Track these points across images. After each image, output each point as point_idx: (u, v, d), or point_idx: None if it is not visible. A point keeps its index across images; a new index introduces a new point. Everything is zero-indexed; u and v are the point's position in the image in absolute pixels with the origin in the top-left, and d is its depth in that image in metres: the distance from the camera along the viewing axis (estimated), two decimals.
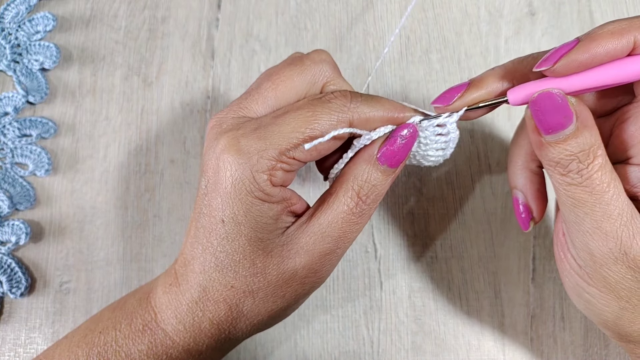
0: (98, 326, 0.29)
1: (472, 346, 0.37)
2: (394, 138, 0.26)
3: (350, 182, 0.27)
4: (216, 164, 0.26)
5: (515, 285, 0.38)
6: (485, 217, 0.39)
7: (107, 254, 0.39)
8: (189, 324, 0.27)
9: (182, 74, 0.42)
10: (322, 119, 0.25)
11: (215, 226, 0.26)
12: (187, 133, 0.41)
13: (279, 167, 0.25)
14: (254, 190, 0.25)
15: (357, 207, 0.27)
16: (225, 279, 0.27)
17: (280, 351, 0.37)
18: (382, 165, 0.26)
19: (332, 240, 0.27)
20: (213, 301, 0.27)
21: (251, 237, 0.26)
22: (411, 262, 0.38)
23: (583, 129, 0.24)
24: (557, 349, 0.37)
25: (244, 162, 0.25)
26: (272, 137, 0.25)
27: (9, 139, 0.40)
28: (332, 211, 0.27)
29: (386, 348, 0.37)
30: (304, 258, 0.27)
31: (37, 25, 0.42)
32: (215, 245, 0.26)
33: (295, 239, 0.27)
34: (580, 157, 0.24)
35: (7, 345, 0.37)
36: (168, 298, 0.28)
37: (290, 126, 0.25)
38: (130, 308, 0.29)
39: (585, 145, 0.24)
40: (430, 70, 0.41)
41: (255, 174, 0.25)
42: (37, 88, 0.41)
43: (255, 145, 0.25)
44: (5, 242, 0.38)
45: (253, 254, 0.26)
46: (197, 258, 0.27)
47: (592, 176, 0.24)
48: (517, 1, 0.43)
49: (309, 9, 0.43)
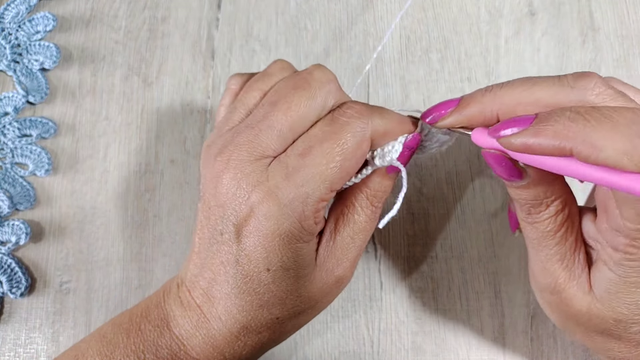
0: (115, 354, 0.27)
1: (472, 346, 0.37)
2: (404, 149, 0.28)
3: (364, 194, 0.29)
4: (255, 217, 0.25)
5: (515, 285, 0.38)
6: (485, 217, 0.39)
7: (107, 254, 0.39)
8: (229, 354, 0.27)
9: (182, 74, 0.42)
10: (348, 144, 0.26)
11: (259, 275, 0.26)
12: (187, 133, 0.41)
13: (322, 206, 0.27)
14: (304, 237, 0.26)
15: (373, 213, 0.29)
16: (272, 314, 0.27)
17: (280, 351, 0.37)
18: (390, 174, 0.29)
19: (357, 247, 0.29)
20: (256, 332, 0.27)
21: (297, 275, 0.27)
22: (411, 262, 0.38)
23: (535, 184, 0.25)
24: (557, 349, 0.37)
25: (289, 214, 0.25)
26: (309, 181, 0.25)
27: (9, 139, 0.40)
28: (353, 223, 0.29)
29: (386, 348, 0.37)
30: (339, 271, 0.28)
31: (37, 25, 0.42)
32: (257, 290, 0.26)
33: (328, 256, 0.28)
34: (532, 204, 0.25)
35: (7, 345, 0.37)
36: (199, 332, 0.27)
37: (323, 165, 0.25)
38: (150, 337, 0.27)
39: (538, 197, 0.25)
40: (430, 70, 0.41)
41: (303, 222, 0.26)
42: (37, 88, 0.41)
43: (296, 194, 0.25)
44: (5, 242, 0.38)
45: (300, 288, 0.27)
46: (231, 299, 0.26)
47: (542, 222, 0.26)
48: (517, 1, 0.43)
49: (309, 9, 0.43)
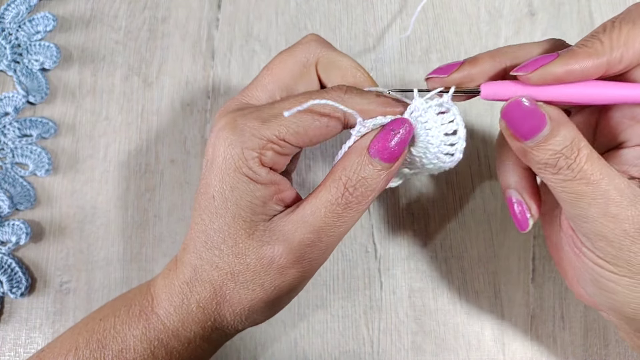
0: (99, 314, 0.30)
1: (472, 346, 0.37)
2: (386, 130, 0.26)
3: (339, 172, 0.26)
4: (214, 142, 0.26)
5: (515, 285, 0.38)
6: (485, 217, 0.39)
7: (108, 254, 0.39)
8: (178, 306, 0.28)
9: (182, 74, 0.42)
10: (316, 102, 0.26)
11: (207, 202, 0.27)
12: (187, 133, 0.41)
13: (269, 147, 0.26)
14: (242, 166, 0.26)
15: (343, 197, 0.26)
16: (212, 257, 0.27)
17: (280, 351, 0.37)
18: (374, 158, 0.26)
19: (313, 230, 0.26)
20: (200, 281, 0.28)
21: (236, 215, 0.26)
22: (411, 262, 0.38)
23: (558, 127, 0.24)
24: (557, 349, 0.37)
25: (236, 139, 0.26)
26: (266, 118, 0.26)
27: (10, 139, 0.40)
28: (317, 200, 0.26)
29: (386, 348, 0.37)
30: (282, 245, 0.26)
31: (38, 25, 0.42)
32: (206, 222, 0.27)
33: (278, 225, 0.27)
34: (565, 153, 0.24)
35: (7, 345, 0.38)
36: (165, 282, 0.29)
37: (285, 109, 0.26)
38: (130, 295, 0.30)
39: (567, 141, 0.24)
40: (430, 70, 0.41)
41: (245, 150, 0.26)
42: (38, 88, 0.41)
43: (250, 124, 0.26)
44: (5, 242, 0.38)
45: (236, 233, 0.26)
46: (193, 239, 0.28)
47: (582, 168, 0.24)
48: (517, 1, 0.43)
49: (309, 9, 0.43)
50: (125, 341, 0.28)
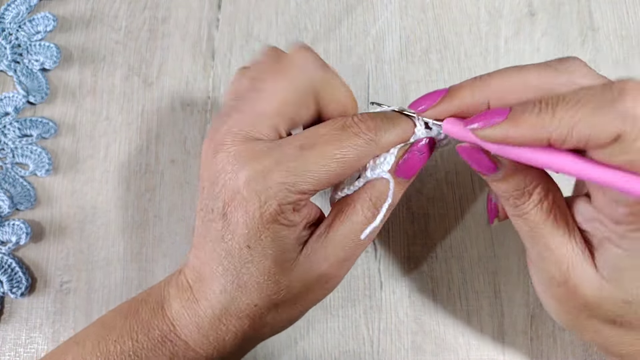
0: (111, 334, 0.28)
1: (472, 346, 0.37)
2: (413, 153, 0.27)
3: (368, 194, 0.27)
4: (241, 195, 0.26)
5: (515, 285, 0.38)
6: (485, 217, 0.39)
7: (108, 254, 0.39)
8: (213, 338, 0.28)
9: (182, 74, 0.42)
10: (349, 157, 0.26)
11: (240, 252, 0.26)
12: (187, 133, 0.41)
13: (303, 199, 0.26)
14: (280, 220, 0.26)
15: (374, 217, 0.27)
16: (249, 299, 0.27)
17: (280, 350, 0.37)
18: (398, 177, 0.27)
19: (350, 249, 0.28)
20: (236, 317, 0.27)
21: (277, 259, 0.27)
22: (411, 262, 0.38)
23: (511, 175, 0.25)
24: (557, 349, 0.37)
25: (273, 196, 0.25)
26: (299, 174, 0.25)
27: (10, 139, 0.40)
28: (350, 222, 0.27)
29: (386, 348, 0.37)
30: (324, 267, 0.27)
31: (38, 25, 0.42)
32: (238, 268, 0.27)
33: (316, 250, 0.27)
34: (514, 195, 0.25)
35: (7, 345, 0.38)
36: (187, 313, 0.28)
37: (318, 165, 0.26)
38: (145, 318, 0.28)
39: (518, 187, 0.25)
40: (430, 70, 0.41)
41: (282, 206, 0.26)
42: (38, 88, 0.41)
43: (283, 181, 0.25)
44: (5, 242, 0.38)
45: (277, 274, 0.27)
46: (216, 278, 0.27)
47: (528, 212, 0.25)
48: (517, 1, 0.43)
49: (309, 9, 0.43)
50: None
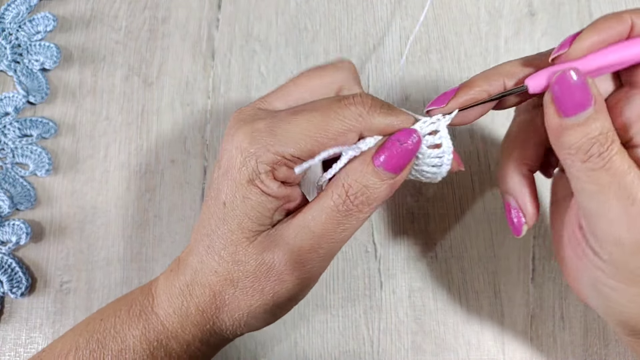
0: (100, 314, 0.30)
1: (471, 346, 0.37)
2: (392, 141, 0.26)
3: (341, 179, 0.26)
4: (229, 151, 0.27)
5: (515, 285, 0.38)
6: (485, 217, 0.39)
7: (108, 254, 0.39)
8: (177, 308, 0.28)
9: (182, 74, 0.42)
10: (334, 125, 0.26)
11: (217, 208, 0.27)
12: (187, 133, 0.41)
13: (283, 162, 0.26)
14: (255, 179, 0.26)
15: (344, 204, 0.26)
16: (212, 263, 0.27)
17: (280, 350, 0.37)
18: (377, 167, 0.26)
19: (313, 236, 0.26)
20: (200, 285, 0.28)
21: (242, 223, 0.26)
22: (411, 262, 0.38)
23: (600, 111, 0.24)
24: (557, 349, 0.37)
25: (253, 153, 0.26)
26: (282, 134, 0.26)
27: (10, 139, 0.40)
28: (317, 206, 0.26)
29: (386, 348, 0.37)
30: (282, 251, 0.27)
31: (38, 25, 0.42)
32: (212, 227, 0.27)
33: (279, 232, 0.27)
34: (600, 140, 0.24)
35: (7, 345, 0.38)
36: (166, 283, 0.29)
37: (300, 127, 0.26)
38: (132, 296, 0.30)
39: (605, 128, 0.24)
40: (430, 70, 0.41)
41: (259, 164, 0.26)
42: (38, 88, 0.41)
43: (266, 139, 0.26)
44: (5, 242, 0.38)
45: (238, 240, 0.27)
46: (197, 241, 0.28)
47: (612, 158, 0.24)
48: (517, 1, 0.43)
49: (309, 10, 0.43)
50: (124, 341, 0.28)
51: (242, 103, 0.41)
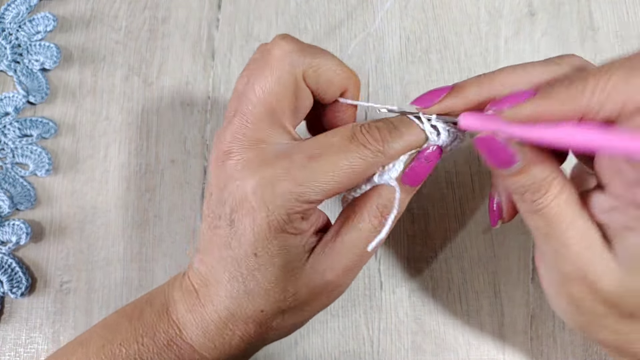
0: (116, 337, 0.28)
1: (471, 346, 0.37)
2: (420, 160, 0.27)
3: (375, 202, 0.27)
4: (249, 202, 0.26)
5: (515, 285, 0.38)
6: (485, 217, 0.39)
7: (108, 254, 0.39)
8: (219, 343, 0.28)
9: (182, 74, 0.42)
10: (357, 166, 0.26)
11: (247, 259, 0.26)
12: (187, 133, 0.41)
13: (311, 207, 0.26)
14: (289, 229, 0.26)
15: (380, 226, 0.27)
16: (255, 305, 0.27)
17: (280, 350, 0.37)
18: (404, 185, 0.27)
19: (356, 257, 0.27)
20: (243, 322, 0.27)
21: (283, 267, 0.27)
22: (411, 261, 0.38)
23: (530, 166, 0.24)
24: (557, 349, 0.37)
25: (281, 205, 0.25)
26: (307, 184, 0.25)
27: (10, 139, 0.40)
28: (356, 230, 0.27)
29: (386, 347, 0.37)
30: (331, 276, 0.27)
31: (38, 25, 0.42)
32: (245, 275, 0.27)
33: (323, 258, 0.27)
34: (532, 189, 0.24)
35: (7, 345, 0.38)
36: (193, 317, 0.28)
37: (326, 176, 0.25)
38: (150, 321, 0.28)
39: (536, 179, 0.24)
40: (430, 70, 0.41)
41: (290, 215, 0.26)
42: (38, 88, 0.41)
43: (292, 190, 0.25)
44: (5, 242, 0.38)
45: (285, 281, 0.27)
46: (222, 284, 0.27)
47: (547, 206, 0.24)
48: (517, 1, 0.43)
49: (309, 10, 0.43)
50: None
51: None
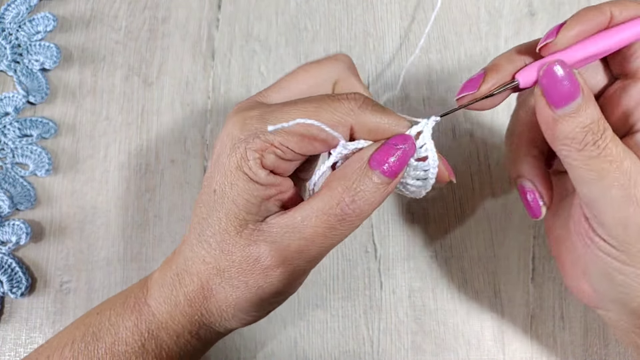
0: (97, 308, 0.30)
1: (471, 346, 0.37)
2: (389, 144, 0.26)
3: (336, 182, 0.26)
4: (222, 138, 0.27)
5: (514, 285, 0.38)
6: (485, 217, 0.39)
7: (108, 254, 0.39)
8: (167, 297, 0.28)
9: (182, 74, 0.42)
10: (325, 116, 0.25)
11: (208, 196, 0.27)
12: (187, 133, 0.41)
13: (272, 150, 0.26)
14: (243, 165, 0.26)
15: (338, 207, 0.25)
16: (201, 251, 0.27)
17: (280, 350, 0.37)
18: (374, 170, 0.25)
19: (302, 237, 0.26)
20: (189, 274, 0.28)
21: (229, 211, 0.26)
22: (411, 261, 0.38)
23: (589, 101, 0.24)
24: (557, 349, 0.37)
25: (242, 139, 0.26)
26: (272, 122, 0.25)
27: (10, 139, 0.40)
28: (310, 207, 0.26)
29: (386, 347, 0.37)
30: (269, 246, 0.26)
31: (38, 25, 0.42)
32: (204, 216, 0.27)
33: (268, 226, 0.26)
34: (593, 129, 0.24)
35: (7, 345, 0.38)
36: (160, 274, 0.29)
37: (290, 115, 0.25)
38: (129, 289, 0.30)
39: (595, 117, 0.24)
40: (430, 70, 0.41)
41: (247, 150, 0.26)
42: (38, 88, 0.41)
43: (256, 125, 0.26)
44: (5, 242, 0.38)
45: (226, 229, 0.27)
46: (190, 231, 0.28)
47: (607, 145, 0.24)
48: (517, 1, 0.43)
49: (309, 10, 0.43)
50: (117, 333, 0.28)
51: None
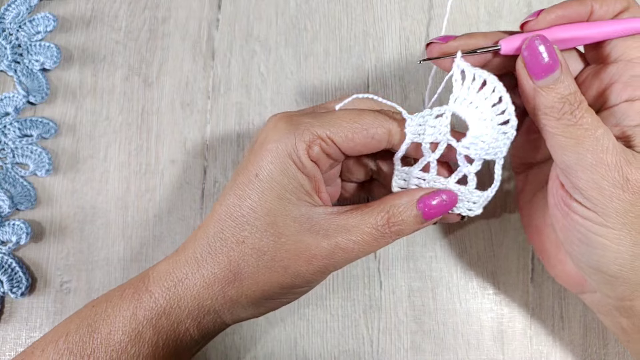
0: (93, 302, 0.30)
1: (471, 345, 0.37)
2: (437, 193, 0.29)
3: (388, 206, 0.29)
4: (268, 129, 0.29)
5: (514, 284, 0.38)
6: (485, 217, 0.39)
7: (108, 254, 0.39)
8: (178, 280, 0.28)
9: (182, 74, 0.42)
10: (367, 119, 0.29)
11: (248, 179, 0.28)
12: (187, 133, 0.41)
13: (318, 142, 0.28)
14: (292, 154, 0.28)
15: (382, 228, 0.29)
16: (239, 232, 0.28)
17: (280, 350, 0.37)
18: (418, 210, 0.29)
19: (350, 240, 0.28)
20: (214, 255, 0.28)
21: (281, 195, 0.28)
22: (411, 262, 0.38)
23: (567, 74, 0.26)
24: (556, 348, 0.37)
25: (292, 130, 0.28)
26: (320, 119, 0.29)
27: (10, 139, 0.40)
28: (362, 219, 0.29)
29: (386, 347, 0.37)
30: (322, 241, 0.28)
31: (38, 25, 0.42)
32: (242, 198, 0.28)
33: (322, 219, 0.28)
34: (570, 100, 0.26)
35: (7, 345, 0.38)
36: (168, 261, 0.29)
37: (337, 116, 0.29)
38: (127, 282, 0.31)
39: (572, 89, 0.26)
40: (430, 70, 0.41)
41: (297, 141, 0.28)
42: (38, 88, 0.41)
43: (305, 119, 0.29)
44: (6, 242, 0.38)
45: (278, 212, 0.28)
46: (218, 212, 0.29)
47: (583, 115, 0.26)
48: (516, 1, 0.43)
49: (309, 10, 0.43)
50: (114, 323, 0.28)
51: (242, 103, 0.41)
